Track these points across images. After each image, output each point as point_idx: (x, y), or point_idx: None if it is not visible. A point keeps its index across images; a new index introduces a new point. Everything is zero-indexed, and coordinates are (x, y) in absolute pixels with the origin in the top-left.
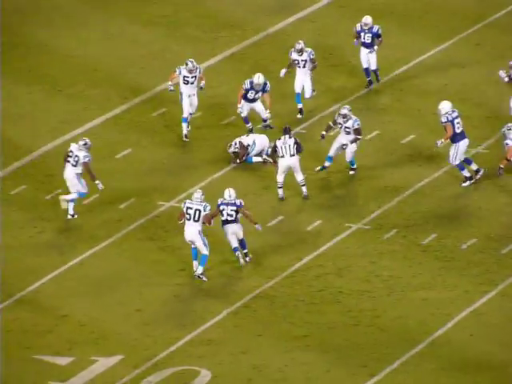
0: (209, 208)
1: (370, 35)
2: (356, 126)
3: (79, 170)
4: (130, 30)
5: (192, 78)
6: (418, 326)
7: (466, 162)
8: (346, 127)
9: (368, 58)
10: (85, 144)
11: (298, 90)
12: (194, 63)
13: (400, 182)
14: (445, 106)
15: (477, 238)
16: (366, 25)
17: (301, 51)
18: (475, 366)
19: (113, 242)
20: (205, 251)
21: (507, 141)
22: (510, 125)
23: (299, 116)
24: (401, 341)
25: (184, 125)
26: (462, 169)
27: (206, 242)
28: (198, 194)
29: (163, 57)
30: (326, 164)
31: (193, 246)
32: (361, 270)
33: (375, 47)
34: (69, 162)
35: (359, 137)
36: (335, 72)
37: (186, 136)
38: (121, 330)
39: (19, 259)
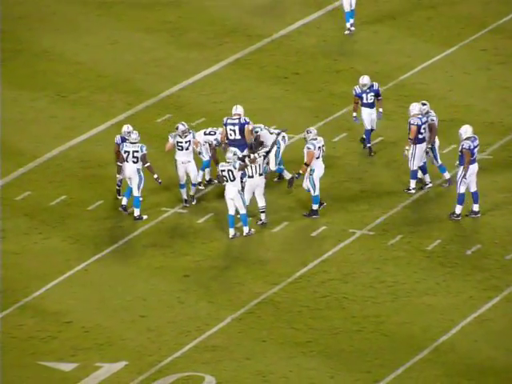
0: (238, 164)
1: (372, 94)
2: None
3: (140, 164)
4: (134, 37)
5: (186, 143)
6: (423, 331)
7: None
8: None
9: (371, 119)
10: (129, 133)
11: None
12: (186, 126)
13: (404, 188)
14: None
15: (481, 244)
16: (364, 85)
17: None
18: (479, 372)
19: (117, 248)
20: (243, 210)
21: None
22: None
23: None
24: (405, 347)
25: (182, 190)
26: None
27: (245, 201)
28: (229, 154)
29: (167, 63)
30: None
31: (230, 212)
32: (365, 275)
33: (380, 110)
34: (127, 161)
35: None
36: (339, 78)
37: (185, 201)
38: (125, 336)
39: (24, 265)
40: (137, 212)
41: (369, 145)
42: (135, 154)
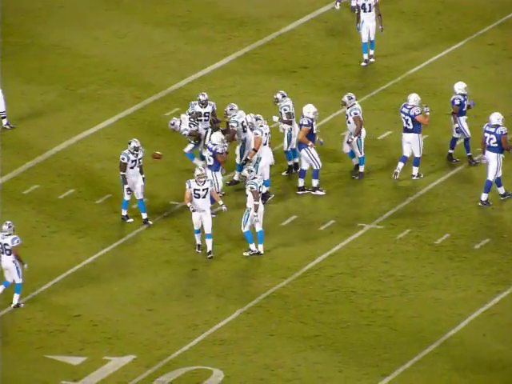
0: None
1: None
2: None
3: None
4: (143, 31)
5: (203, 190)
6: (431, 325)
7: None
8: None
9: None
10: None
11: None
12: (203, 170)
13: (413, 182)
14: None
15: (490, 238)
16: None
17: None
18: (488, 366)
19: (125, 242)
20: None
21: None
22: None
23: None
24: (413, 341)
25: (196, 236)
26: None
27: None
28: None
29: (176, 57)
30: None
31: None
32: (373, 269)
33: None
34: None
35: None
36: (348, 72)
37: (199, 246)
38: (133, 329)
39: (32, 259)
40: (144, 216)
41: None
42: (140, 162)
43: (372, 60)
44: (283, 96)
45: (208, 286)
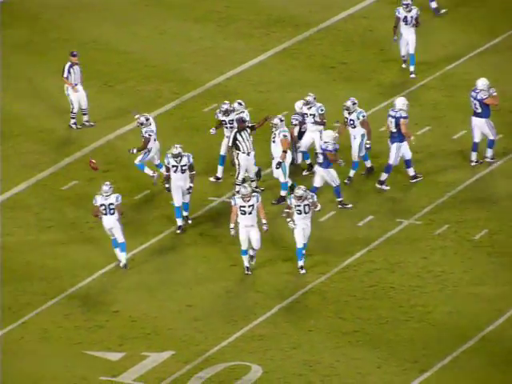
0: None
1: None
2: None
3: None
4: (181, 26)
5: (249, 207)
6: (470, 321)
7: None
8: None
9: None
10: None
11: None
12: (249, 189)
13: (451, 178)
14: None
15: None
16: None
17: None
18: None
19: (164, 238)
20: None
21: None
22: None
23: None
24: (452, 336)
25: (244, 257)
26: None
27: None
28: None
29: (215, 53)
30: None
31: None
32: (412, 265)
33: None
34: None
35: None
36: (386, 68)
37: (247, 269)
38: (172, 325)
39: (71, 254)
40: (185, 213)
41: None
42: (184, 168)
43: (413, 76)
44: (314, 98)
45: (247, 281)
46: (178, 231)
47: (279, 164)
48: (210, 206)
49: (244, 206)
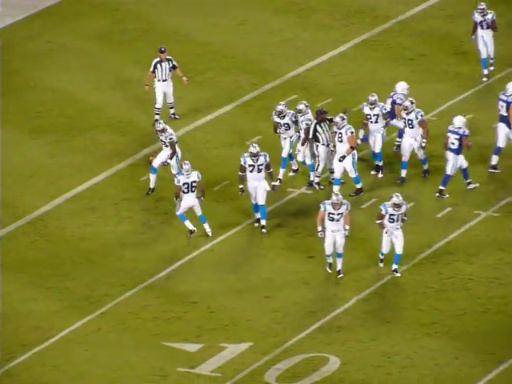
0: None
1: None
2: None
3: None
4: (261, 17)
5: (338, 215)
6: None
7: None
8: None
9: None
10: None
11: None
12: (340, 197)
13: None
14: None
15: None
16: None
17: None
18: None
19: (242, 229)
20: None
21: None
22: None
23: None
24: None
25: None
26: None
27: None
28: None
29: (294, 44)
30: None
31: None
32: (490, 257)
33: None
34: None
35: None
36: (465, 60)
37: (330, 265)
38: (250, 316)
39: (150, 245)
40: (263, 222)
41: None
42: (260, 167)
43: (485, 79)
44: (376, 100)
45: (324, 273)
46: (256, 224)
47: (343, 157)
48: (289, 197)
49: (333, 214)
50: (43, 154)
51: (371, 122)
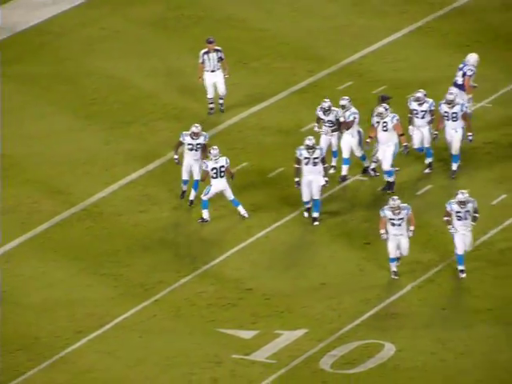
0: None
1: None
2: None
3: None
4: (316, 4)
5: (398, 220)
6: None
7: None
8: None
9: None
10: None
11: None
12: (396, 201)
13: None
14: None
15: None
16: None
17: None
18: None
19: (297, 216)
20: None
21: None
22: None
23: None
24: None
25: (392, 264)
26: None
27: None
28: None
29: (349, 31)
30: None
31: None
32: None
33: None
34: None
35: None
36: None
37: (395, 273)
38: (305, 303)
39: (204, 232)
40: (316, 214)
41: None
42: (315, 161)
43: None
44: (425, 95)
45: (380, 259)
46: (305, 213)
47: (406, 147)
48: (343, 184)
49: (393, 219)
50: (98, 140)
51: (417, 117)
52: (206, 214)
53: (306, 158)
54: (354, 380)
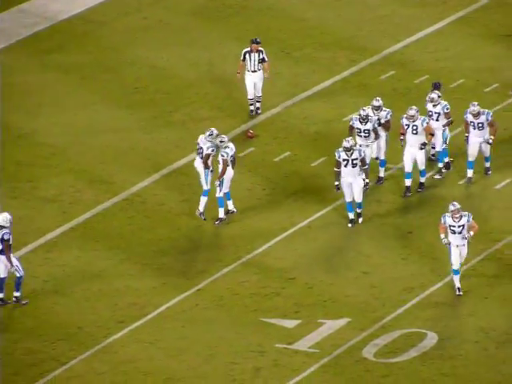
0: None
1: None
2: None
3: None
4: None
5: (459, 227)
6: None
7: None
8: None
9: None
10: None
11: None
12: (457, 206)
13: None
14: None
15: None
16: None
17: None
18: None
19: (340, 205)
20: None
21: None
22: None
23: None
24: None
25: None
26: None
27: None
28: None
29: (392, 20)
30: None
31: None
32: None
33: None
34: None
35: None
36: None
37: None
38: (348, 292)
39: (246, 221)
40: (351, 216)
41: None
42: (354, 162)
43: None
44: (439, 96)
45: (423, 249)
46: (349, 225)
47: (424, 145)
48: (387, 173)
49: (454, 226)
50: (140, 129)
51: (432, 119)
52: (222, 213)
53: (344, 159)
54: (396, 369)
